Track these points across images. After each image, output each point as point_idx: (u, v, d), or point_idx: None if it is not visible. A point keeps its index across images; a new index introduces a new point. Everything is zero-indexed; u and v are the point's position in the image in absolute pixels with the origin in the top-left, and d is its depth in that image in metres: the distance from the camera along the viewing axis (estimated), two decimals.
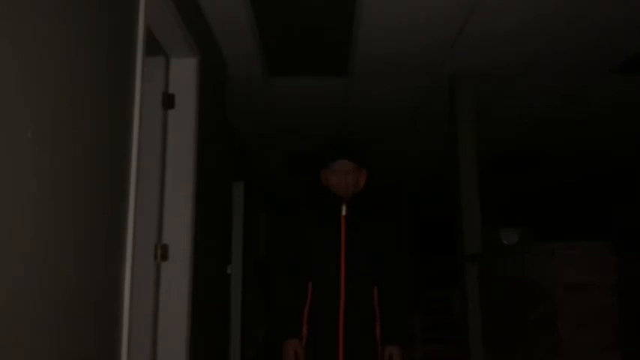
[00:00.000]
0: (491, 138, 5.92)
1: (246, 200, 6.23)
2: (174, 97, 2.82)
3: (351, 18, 3.27)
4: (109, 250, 1.75)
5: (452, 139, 4.14)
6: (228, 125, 4.91)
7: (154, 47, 2.75)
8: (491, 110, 5.00)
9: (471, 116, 4.03)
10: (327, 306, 2.15)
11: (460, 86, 4.10)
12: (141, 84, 1.99)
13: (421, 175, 8.12)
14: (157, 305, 2.60)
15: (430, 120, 5.32)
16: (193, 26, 2.87)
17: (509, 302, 3.24)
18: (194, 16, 2.93)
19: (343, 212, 2.23)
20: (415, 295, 6.33)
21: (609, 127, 5.67)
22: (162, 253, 2.61)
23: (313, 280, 2.20)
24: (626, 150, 6.66)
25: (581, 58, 3.87)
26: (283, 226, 2.62)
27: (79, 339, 1.54)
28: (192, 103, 2.85)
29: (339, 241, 2.18)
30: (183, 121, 2.82)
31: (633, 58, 3.88)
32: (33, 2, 1.30)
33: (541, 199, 9.56)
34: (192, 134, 2.82)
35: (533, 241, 3.98)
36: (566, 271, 2.67)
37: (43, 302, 1.34)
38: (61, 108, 1.43)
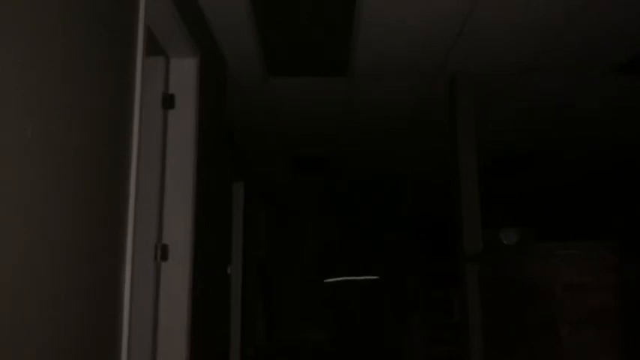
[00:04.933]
0: (491, 138, 5.92)
1: (246, 200, 6.23)
2: (174, 97, 2.82)
3: (351, 18, 3.27)
4: (109, 251, 1.75)
5: (452, 139, 4.14)
6: (228, 125, 4.91)
7: (154, 47, 2.75)
8: (491, 110, 5.00)
9: (471, 116, 4.03)
10: None
11: (460, 86, 4.10)
12: (141, 84, 2.00)
13: (421, 175, 8.12)
14: (157, 305, 2.61)
15: (430, 120, 5.32)
16: (193, 26, 2.87)
17: (509, 302, 3.24)
18: (194, 16, 2.94)
19: None
20: (415, 295, 6.32)
21: (609, 127, 5.67)
22: (162, 253, 2.61)
23: None
24: (625, 150, 6.66)
25: (581, 58, 3.87)
26: None
27: (79, 339, 1.54)
28: (192, 103, 2.85)
29: None
30: (183, 121, 2.82)
31: (633, 58, 3.88)
32: (33, 2, 1.30)
33: (541, 199, 9.55)
34: (193, 134, 2.83)
35: (533, 241, 3.98)
36: (566, 271, 2.67)
37: (43, 302, 1.34)
38: (60, 107, 1.43)
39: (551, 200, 9.38)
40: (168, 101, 2.79)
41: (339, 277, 9.14)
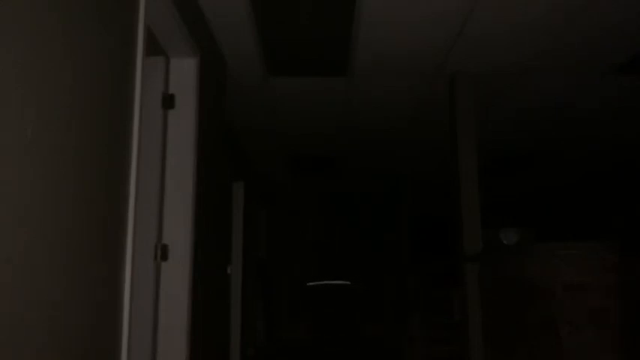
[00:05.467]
0: (491, 138, 5.92)
1: (246, 200, 6.23)
2: (174, 97, 2.82)
3: (351, 18, 3.27)
4: (109, 251, 1.75)
5: (452, 139, 4.14)
6: (228, 125, 4.91)
7: (154, 47, 2.75)
8: (491, 110, 5.00)
9: (471, 116, 4.03)
10: None
11: (460, 86, 4.10)
12: (141, 84, 2.00)
13: (421, 175, 8.13)
14: (157, 305, 2.61)
15: (430, 120, 5.32)
16: (193, 26, 2.87)
17: (509, 302, 3.24)
18: (194, 16, 2.94)
19: None
20: (415, 295, 6.33)
21: (609, 127, 5.67)
22: (162, 253, 2.61)
23: None
24: (625, 150, 6.66)
25: (581, 58, 3.87)
26: None
27: (79, 339, 1.54)
28: (192, 103, 2.85)
29: None
30: (183, 121, 2.82)
31: (633, 58, 3.88)
32: (33, 2, 1.30)
33: (541, 199, 9.56)
34: (192, 134, 2.83)
35: (533, 241, 3.98)
36: (566, 271, 2.67)
37: (43, 302, 1.34)
38: (60, 108, 1.43)
39: (551, 200, 9.38)
40: (168, 101, 2.79)
41: (337, 278, 9.14)
